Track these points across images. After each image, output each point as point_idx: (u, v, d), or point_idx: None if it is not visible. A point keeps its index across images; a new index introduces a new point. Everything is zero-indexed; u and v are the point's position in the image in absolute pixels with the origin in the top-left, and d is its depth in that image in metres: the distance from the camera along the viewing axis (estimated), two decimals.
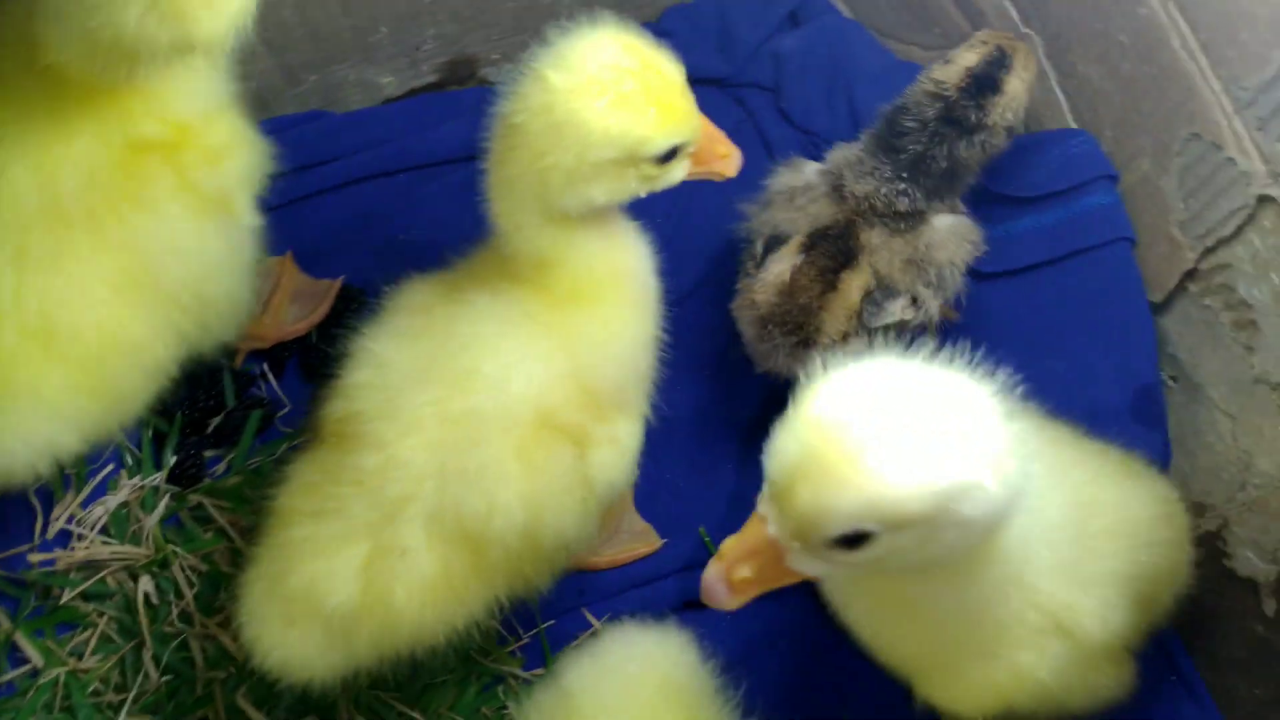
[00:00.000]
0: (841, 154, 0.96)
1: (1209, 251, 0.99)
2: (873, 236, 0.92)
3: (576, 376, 0.80)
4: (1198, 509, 1.04)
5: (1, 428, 0.80)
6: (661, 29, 1.17)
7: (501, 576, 0.81)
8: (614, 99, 0.70)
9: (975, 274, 1.08)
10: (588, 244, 0.78)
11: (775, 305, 0.91)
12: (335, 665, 0.80)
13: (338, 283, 1.09)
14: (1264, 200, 0.91)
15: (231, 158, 0.86)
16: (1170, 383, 1.08)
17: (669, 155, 0.74)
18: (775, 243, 0.94)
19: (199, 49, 0.77)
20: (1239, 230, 0.95)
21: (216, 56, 0.80)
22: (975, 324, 1.08)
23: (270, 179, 1.09)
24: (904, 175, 0.91)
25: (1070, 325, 1.07)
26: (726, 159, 0.79)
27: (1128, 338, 1.06)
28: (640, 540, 1.01)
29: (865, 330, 0.92)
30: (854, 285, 0.92)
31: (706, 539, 1.01)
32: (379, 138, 1.14)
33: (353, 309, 1.09)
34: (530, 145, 0.72)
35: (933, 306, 0.92)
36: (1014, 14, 1.09)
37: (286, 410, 1.07)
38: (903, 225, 0.93)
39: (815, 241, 0.92)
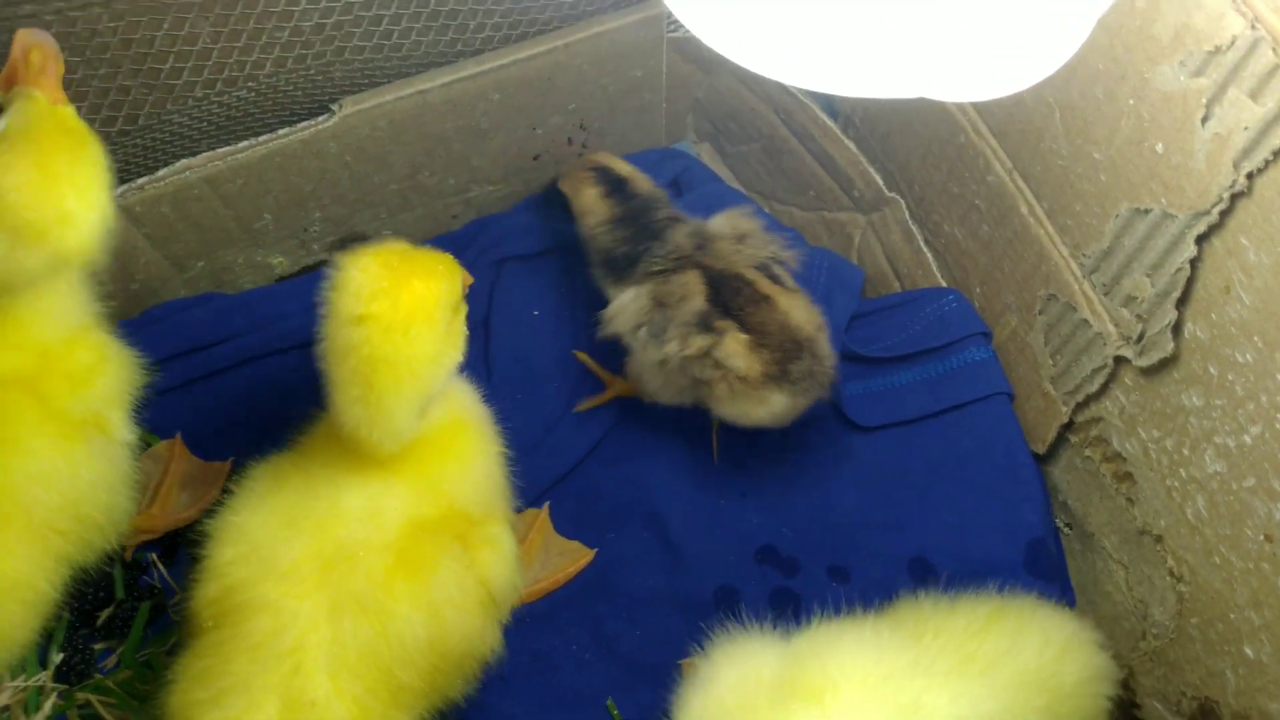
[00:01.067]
0: None
1: (1081, 406, 1.00)
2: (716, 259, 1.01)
3: (443, 500, 0.84)
4: None
5: None
6: (549, 200, 1.20)
7: (419, 699, 0.81)
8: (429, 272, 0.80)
9: (864, 428, 1.10)
10: (439, 409, 0.84)
11: (769, 356, 0.96)
12: None
13: (227, 465, 1.09)
14: (1120, 360, 0.93)
15: (98, 377, 0.86)
16: (1066, 530, 1.08)
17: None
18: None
19: (73, 262, 0.79)
20: (1104, 387, 0.96)
21: (89, 265, 0.82)
22: (867, 480, 1.09)
23: (158, 363, 1.11)
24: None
25: (959, 478, 1.08)
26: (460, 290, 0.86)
27: (1013, 490, 1.06)
28: (571, 557, 1.03)
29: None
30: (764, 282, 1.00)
31: (615, 714, 1.00)
32: (272, 315, 1.16)
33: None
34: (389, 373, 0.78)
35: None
36: (879, 179, 1.12)
37: (179, 598, 1.06)
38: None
39: (717, 296, 0.99)
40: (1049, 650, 0.85)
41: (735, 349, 0.96)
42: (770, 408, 0.98)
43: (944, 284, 1.11)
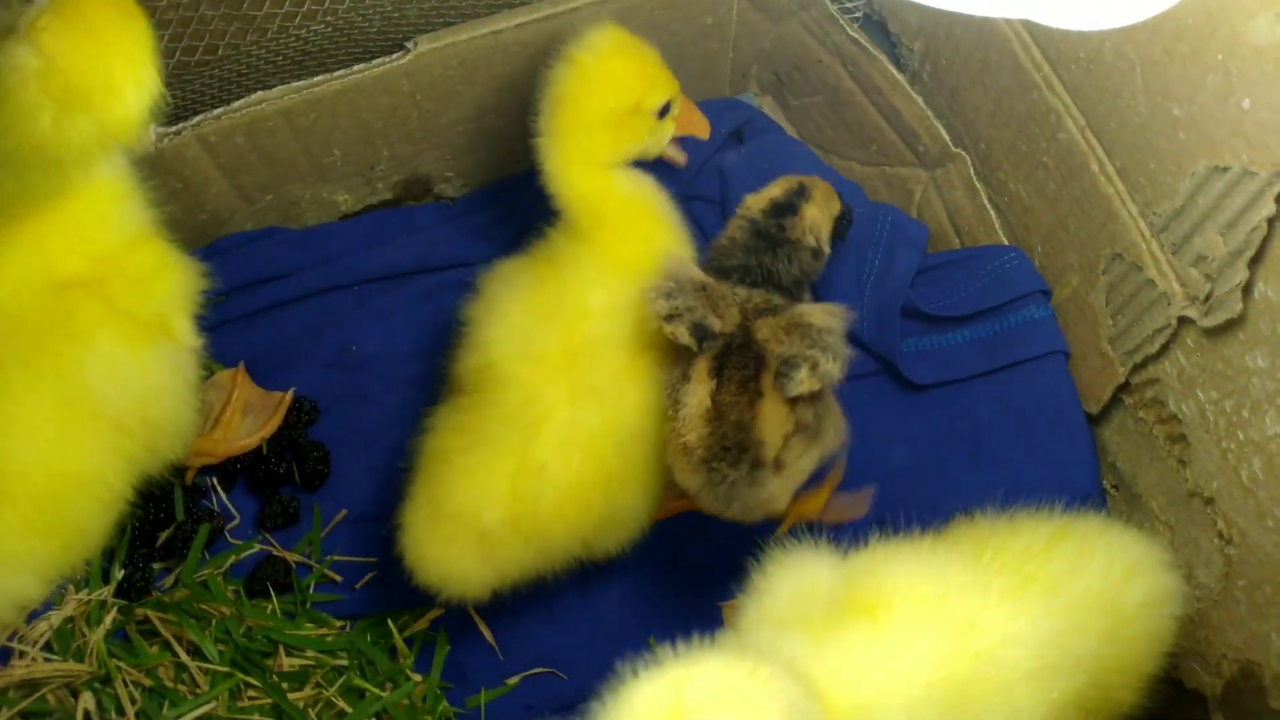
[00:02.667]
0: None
1: (1139, 367, 1.01)
2: (762, 329, 0.93)
3: None
4: None
5: None
6: None
7: (620, 485, 0.94)
8: (626, 67, 0.96)
9: (913, 386, 1.11)
10: (623, 184, 0.98)
11: (709, 436, 0.89)
12: (487, 579, 0.93)
13: (289, 395, 1.11)
14: (1184, 321, 0.93)
15: (162, 281, 0.88)
16: (1113, 491, 1.09)
17: (664, 111, 0.99)
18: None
19: (119, 136, 0.79)
20: (1164, 348, 0.97)
21: (138, 140, 0.82)
22: (915, 435, 1.10)
23: (223, 294, 1.13)
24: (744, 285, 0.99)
25: (1008, 437, 1.08)
26: (702, 124, 1.05)
27: (1065, 450, 1.07)
28: (853, 505, 1.05)
29: (798, 426, 0.91)
30: (771, 383, 0.91)
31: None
32: (334, 252, 1.17)
33: (304, 421, 1.11)
34: (573, 109, 0.95)
35: (831, 368, 0.91)
36: (944, 134, 1.13)
37: (236, 523, 1.09)
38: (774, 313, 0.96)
39: (722, 359, 0.91)
40: (1113, 572, 0.85)
41: (692, 402, 0.91)
42: (683, 476, 0.91)
43: (1006, 242, 1.12)
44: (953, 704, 0.76)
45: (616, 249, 0.96)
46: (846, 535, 0.87)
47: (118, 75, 0.78)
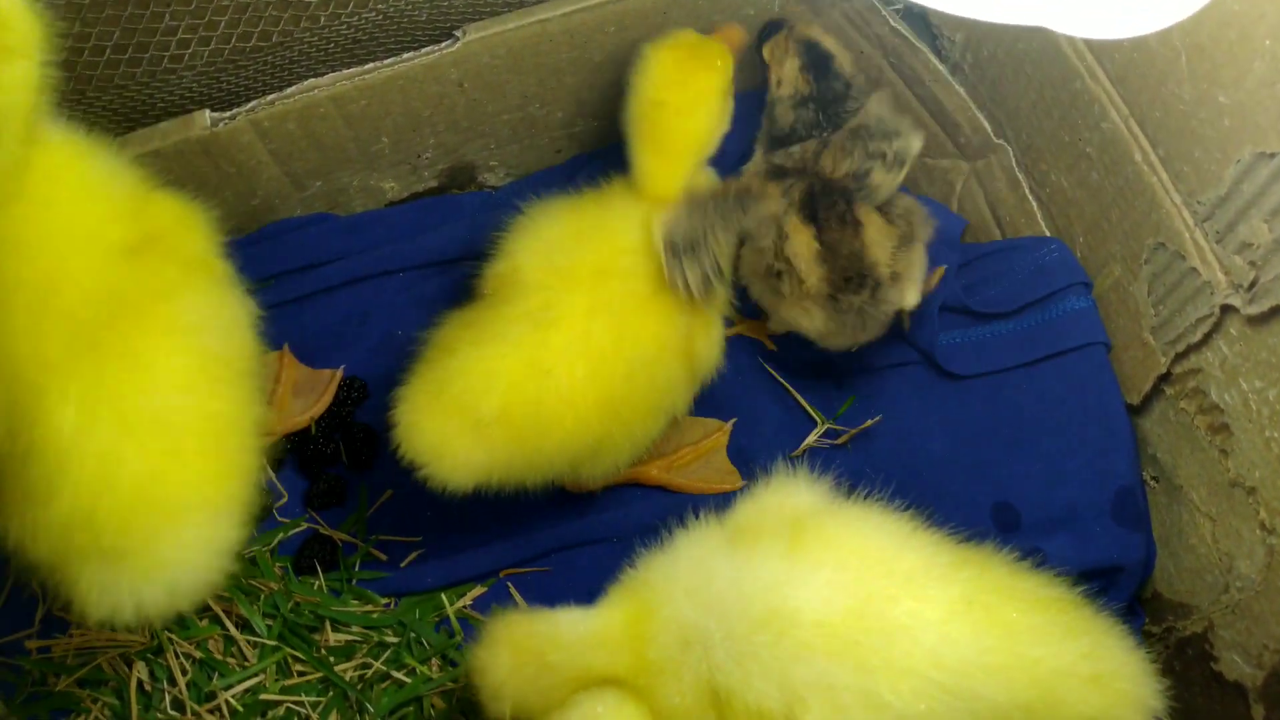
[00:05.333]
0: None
1: (1181, 356, 1.01)
2: (828, 163, 1.01)
3: None
4: (1183, 610, 1.05)
5: (175, 549, 0.77)
6: None
7: (619, 410, 0.94)
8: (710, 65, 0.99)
9: (952, 376, 1.11)
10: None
11: (830, 274, 0.98)
12: (474, 466, 0.91)
13: (339, 373, 1.13)
14: (1227, 310, 0.93)
15: (190, 223, 0.88)
16: (1152, 483, 1.09)
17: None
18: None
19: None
20: (1207, 337, 0.97)
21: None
22: (955, 425, 1.11)
23: (272, 278, 1.16)
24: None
25: (1048, 428, 1.09)
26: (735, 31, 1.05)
27: (1106, 439, 1.07)
28: (725, 479, 1.10)
29: (900, 237, 1.00)
30: (866, 208, 1.00)
31: None
32: (380, 239, 1.19)
33: (354, 399, 1.13)
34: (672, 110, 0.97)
35: (899, 147, 1.00)
36: (987, 125, 1.13)
37: (284, 501, 1.11)
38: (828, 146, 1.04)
39: (811, 205, 1.00)
40: (1083, 668, 0.81)
41: (801, 251, 0.99)
42: (813, 322, 1.01)
43: (1047, 233, 1.12)
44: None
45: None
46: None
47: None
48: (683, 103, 0.97)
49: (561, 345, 0.91)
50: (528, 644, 0.78)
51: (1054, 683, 0.79)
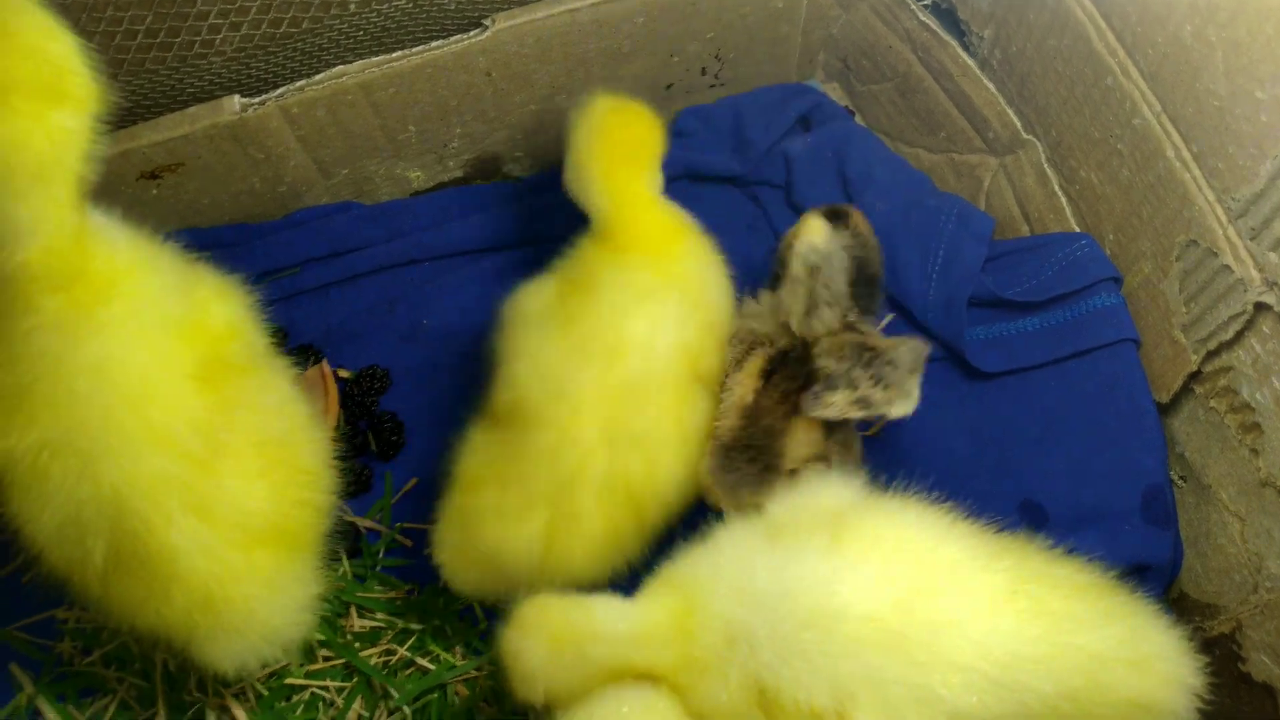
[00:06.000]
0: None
1: (1212, 355, 1.00)
2: (823, 344, 0.92)
3: (701, 313, 0.93)
4: (1210, 610, 1.04)
5: (277, 614, 0.86)
6: (677, 129, 1.22)
7: (652, 528, 0.92)
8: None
9: (979, 373, 1.11)
10: (662, 203, 0.96)
11: (738, 431, 0.91)
12: (515, 596, 0.87)
13: (324, 365, 1.13)
14: (1261, 307, 0.92)
15: (229, 300, 0.87)
16: (1180, 483, 1.08)
17: None
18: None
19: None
20: (1239, 335, 0.96)
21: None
22: (981, 422, 1.10)
23: (299, 265, 1.16)
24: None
25: (1076, 425, 1.07)
26: None
27: (1135, 437, 1.06)
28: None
29: (821, 456, 0.92)
30: (814, 407, 0.90)
31: None
32: (406, 228, 1.19)
33: (376, 389, 1.13)
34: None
35: (877, 399, 0.88)
36: (1016, 120, 1.12)
37: None
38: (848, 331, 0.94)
39: (776, 365, 0.93)
40: (1124, 652, 0.81)
41: (737, 392, 0.93)
42: (704, 459, 0.93)
43: (1076, 229, 1.11)
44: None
45: (654, 267, 0.92)
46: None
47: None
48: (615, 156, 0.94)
49: (588, 489, 0.88)
50: (566, 634, 0.78)
51: (1097, 669, 0.79)
